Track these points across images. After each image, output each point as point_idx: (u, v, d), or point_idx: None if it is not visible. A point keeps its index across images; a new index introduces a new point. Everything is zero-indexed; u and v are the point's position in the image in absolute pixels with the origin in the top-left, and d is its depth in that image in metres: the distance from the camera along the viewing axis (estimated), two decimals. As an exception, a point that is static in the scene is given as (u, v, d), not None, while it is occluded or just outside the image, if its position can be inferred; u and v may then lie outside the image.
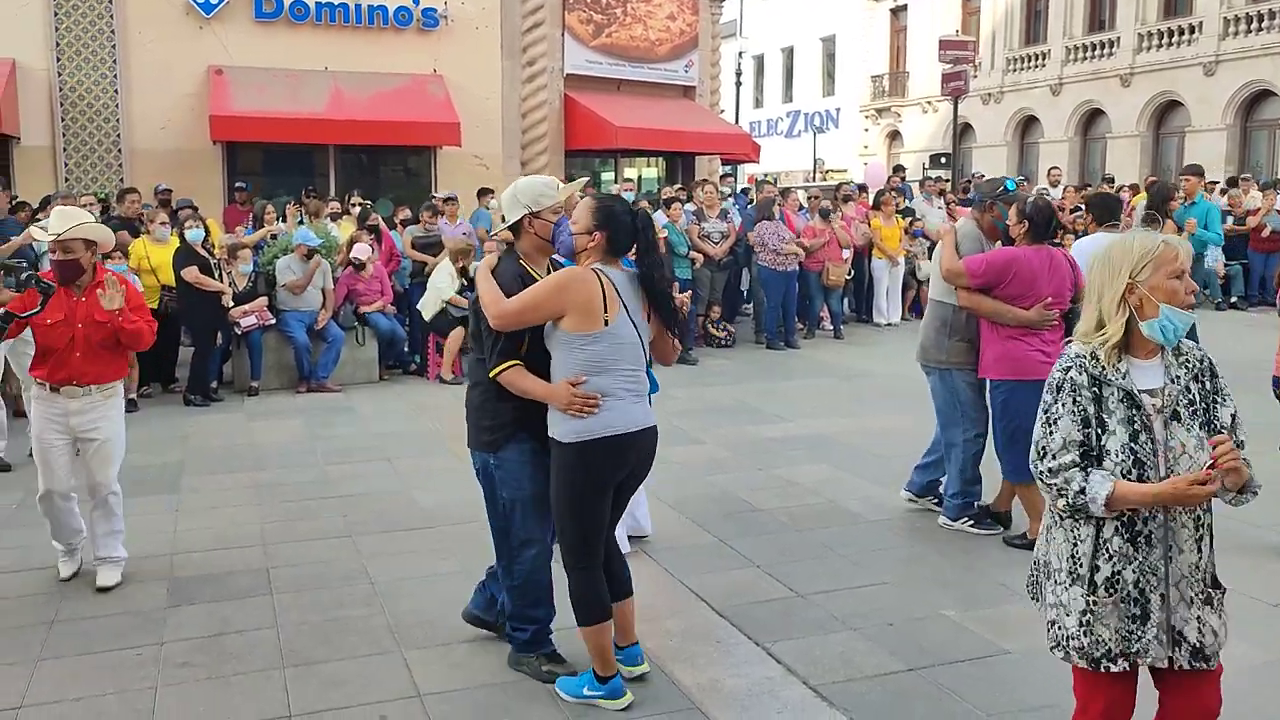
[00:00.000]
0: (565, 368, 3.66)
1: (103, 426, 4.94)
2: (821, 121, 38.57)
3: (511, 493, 3.89)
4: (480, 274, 3.82)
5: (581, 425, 3.60)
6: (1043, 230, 5.36)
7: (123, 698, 3.92)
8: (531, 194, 3.85)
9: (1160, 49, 26.58)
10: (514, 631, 4.09)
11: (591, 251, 3.73)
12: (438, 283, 10.57)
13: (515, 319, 3.66)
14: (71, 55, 13.68)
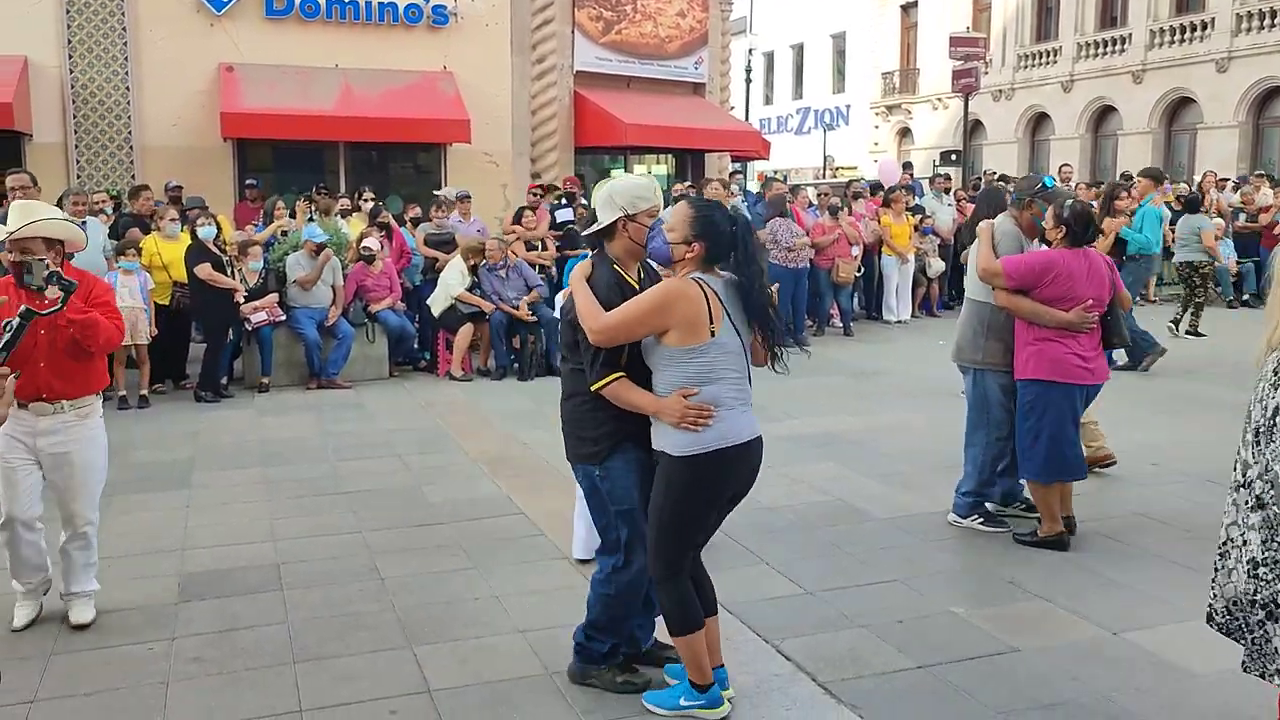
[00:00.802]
0: (671, 381, 3.53)
1: (75, 450, 4.37)
2: (831, 118, 38.50)
3: (620, 504, 3.72)
4: (576, 283, 3.64)
5: (693, 437, 3.48)
6: (1080, 235, 5.29)
7: (135, 692, 3.94)
8: (628, 196, 3.67)
9: (1172, 45, 26.47)
10: (590, 641, 3.91)
11: (689, 261, 3.57)
12: (448, 280, 10.60)
13: (615, 335, 3.51)
14: (83, 53, 13.73)
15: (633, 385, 3.58)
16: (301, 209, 11.55)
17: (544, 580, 5.06)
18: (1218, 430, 7.83)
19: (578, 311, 3.59)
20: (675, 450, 3.51)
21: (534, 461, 7.31)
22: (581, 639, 3.94)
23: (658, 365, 3.56)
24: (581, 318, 3.56)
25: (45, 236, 4.25)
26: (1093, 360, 5.30)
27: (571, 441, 3.83)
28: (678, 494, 3.55)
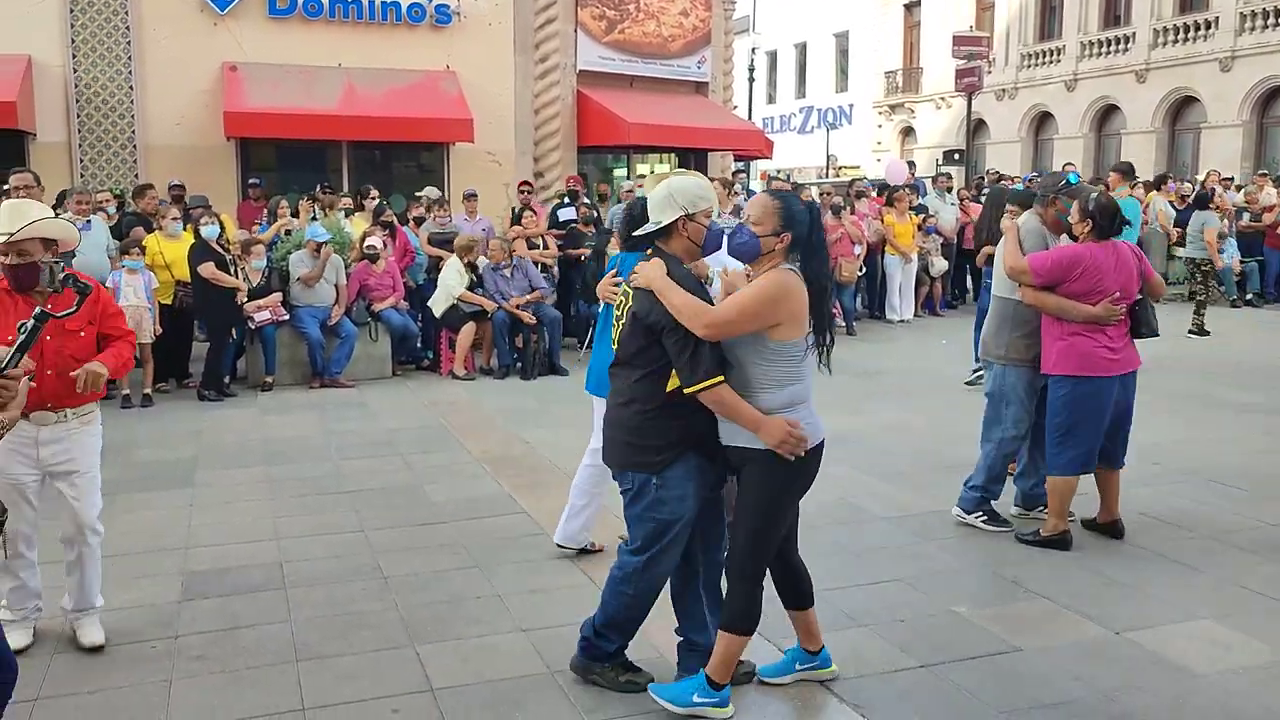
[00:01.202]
0: (767, 377, 3.49)
1: (80, 458, 4.23)
2: (835, 118, 38.49)
3: (673, 512, 3.63)
4: (663, 282, 3.49)
5: (810, 433, 3.53)
6: (1107, 227, 5.28)
7: (137, 691, 3.95)
8: (688, 195, 3.61)
9: (1176, 44, 26.44)
10: (599, 639, 3.87)
11: (778, 253, 3.52)
12: (447, 280, 10.61)
13: (729, 329, 3.44)
14: (87, 52, 13.74)
15: (733, 392, 3.48)
16: (305, 208, 11.56)
17: (546, 579, 5.07)
18: (1221, 430, 7.82)
19: (676, 309, 3.44)
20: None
21: (536, 460, 7.31)
22: (590, 634, 3.89)
23: (755, 360, 3.50)
24: (684, 315, 3.43)
25: (41, 237, 4.06)
26: (1121, 350, 5.30)
27: (625, 449, 3.71)
28: (776, 494, 3.57)
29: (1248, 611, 4.60)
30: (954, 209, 15.18)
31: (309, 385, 10.06)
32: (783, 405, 3.50)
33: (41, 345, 3.86)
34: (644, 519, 3.70)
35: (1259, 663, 4.10)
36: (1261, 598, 4.73)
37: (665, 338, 3.50)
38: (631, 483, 3.71)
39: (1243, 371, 10.02)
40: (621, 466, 3.74)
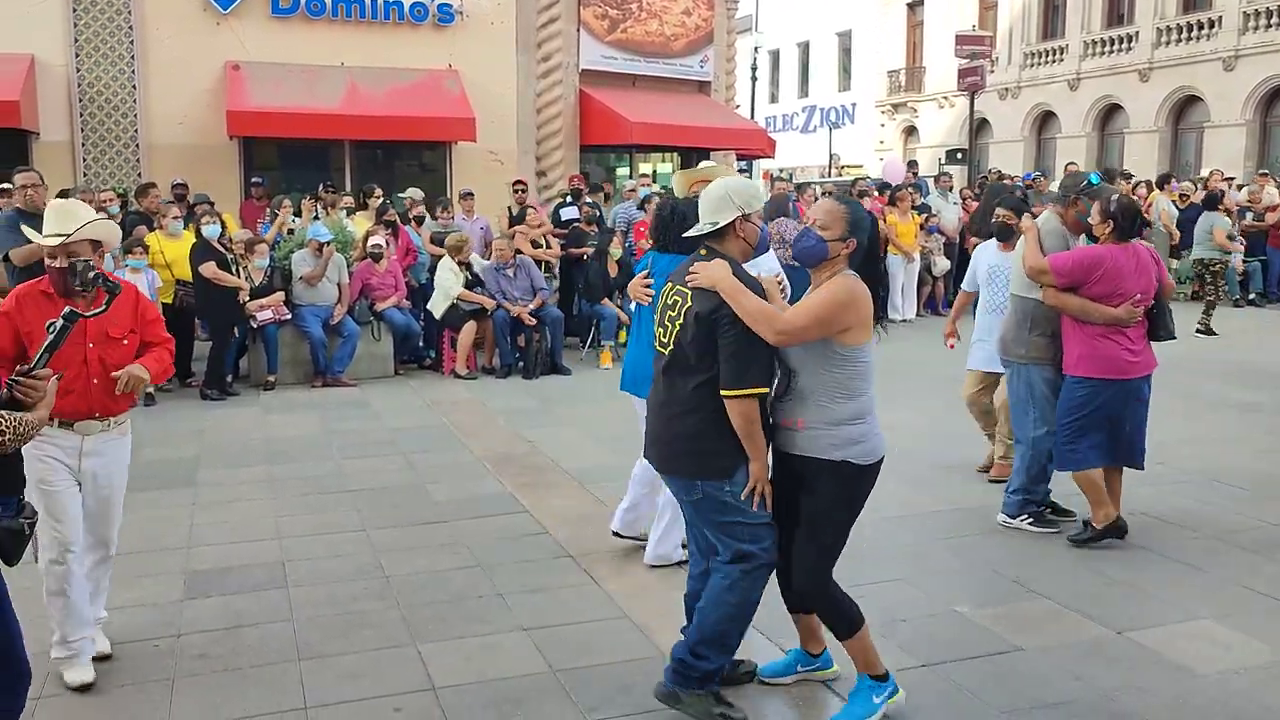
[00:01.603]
0: (837, 386, 3.45)
1: (116, 471, 4.13)
2: (837, 117, 38.46)
3: (750, 516, 3.53)
4: (732, 284, 3.42)
5: (876, 445, 3.52)
6: (1128, 229, 5.25)
7: (140, 689, 3.96)
8: (745, 195, 3.59)
9: (1179, 43, 26.41)
10: (697, 660, 3.61)
11: (842, 259, 3.49)
12: (443, 281, 10.63)
13: (801, 335, 3.39)
14: (90, 51, 13.76)
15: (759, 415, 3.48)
16: (307, 207, 11.57)
17: (548, 578, 5.07)
18: (1224, 430, 7.82)
19: (748, 313, 3.38)
20: (857, 458, 3.48)
21: (538, 460, 7.32)
22: (685, 655, 3.63)
23: (825, 367, 3.45)
24: (756, 319, 3.37)
25: (90, 239, 3.95)
26: (1140, 353, 5.30)
27: (689, 458, 3.57)
28: (850, 502, 3.55)
29: (1249, 612, 4.60)
30: (956, 208, 15.18)
31: (311, 384, 10.07)
32: (851, 417, 3.46)
33: (86, 354, 3.86)
34: (728, 526, 3.56)
35: (1260, 663, 4.10)
36: (1263, 598, 4.74)
37: (720, 334, 3.43)
38: (700, 492, 3.56)
39: (1246, 371, 10.01)
40: (691, 476, 3.58)
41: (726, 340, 3.42)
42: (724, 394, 3.42)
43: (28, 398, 2.94)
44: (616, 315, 11.26)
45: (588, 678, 4.01)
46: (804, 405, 3.49)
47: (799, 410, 3.50)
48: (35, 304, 3.89)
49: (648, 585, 4.99)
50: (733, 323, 3.41)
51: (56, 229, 3.88)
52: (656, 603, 4.75)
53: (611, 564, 5.26)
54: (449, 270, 10.61)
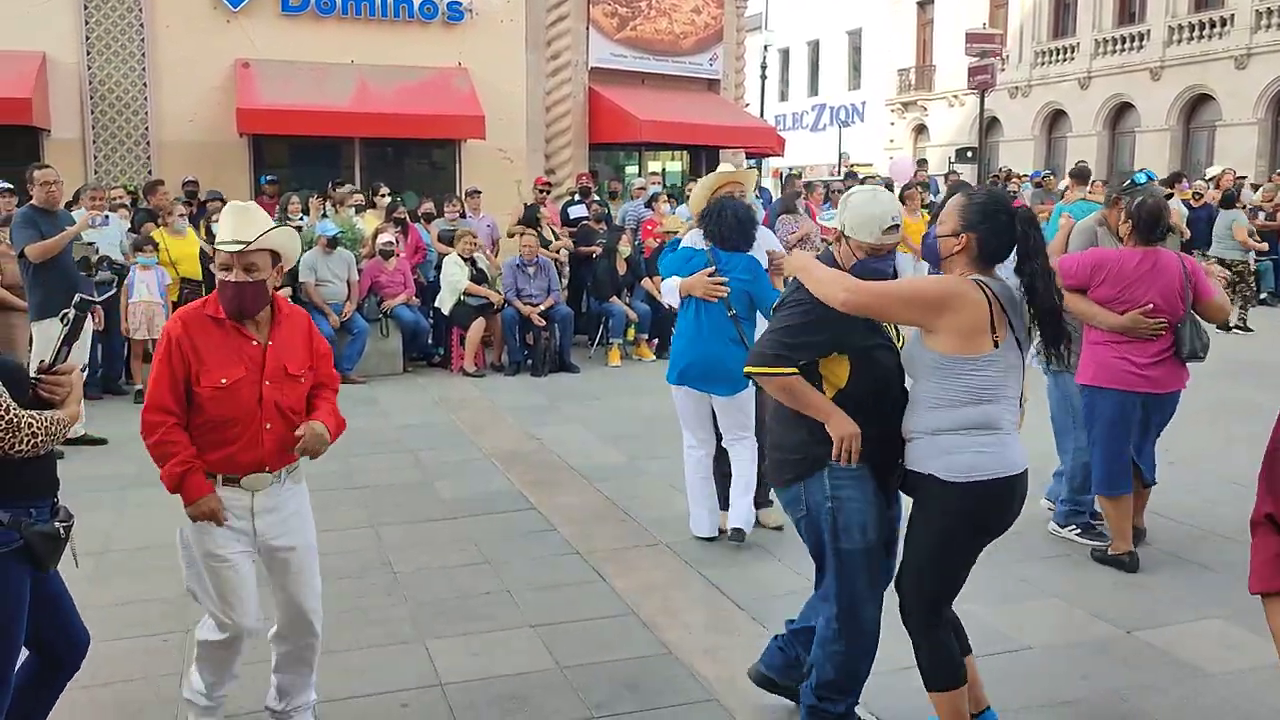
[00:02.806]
0: (941, 396, 3.15)
1: (299, 528, 3.44)
2: (847, 115, 38.40)
3: (853, 542, 3.30)
4: (803, 260, 3.33)
5: (973, 461, 3.10)
6: (1147, 232, 4.95)
7: (150, 684, 3.98)
8: (855, 220, 3.43)
9: (1191, 42, 26.31)
10: (822, 703, 3.44)
11: (959, 257, 3.21)
12: (449, 275, 10.65)
13: (870, 305, 3.14)
14: (101, 49, 13.79)
15: (808, 385, 3.27)
16: (315, 205, 11.59)
17: (556, 575, 5.08)
18: (1235, 428, 7.78)
19: (817, 280, 3.21)
20: (947, 474, 3.14)
21: (547, 457, 7.32)
22: (813, 701, 3.47)
23: (926, 373, 3.19)
24: (826, 283, 3.17)
25: (272, 249, 3.28)
26: (1150, 367, 4.94)
27: (784, 465, 3.46)
28: (945, 524, 3.18)
29: (1258, 611, 4.52)
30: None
31: (320, 381, 10.07)
32: (949, 426, 3.15)
33: (262, 392, 3.27)
34: (828, 554, 3.37)
35: (1268, 663, 4.07)
36: (1273, 598, 4.71)
37: (775, 314, 3.36)
38: (804, 508, 3.37)
39: (1256, 370, 9.96)
40: (786, 483, 3.44)
41: (772, 321, 3.38)
42: (746, 371, 3.38)
43: (54, 395, 2.93)
44: (625, 313, 11.26)
45: (595, 675, 4.01)
46: (910, 413, 3.26)
47: (907, 419, 3.27)
48: (203, 331, 3.27)
49: (655, 583, 4.99)
50: (785, 305, 3.35)
51: (235, 235, 3.23)
52: (664, 600, 4.76)
53: (619, 561, 5.26)
54: (454, 264, 10.63)
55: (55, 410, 2.88)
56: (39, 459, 2.82)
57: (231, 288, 3.22)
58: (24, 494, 2.84)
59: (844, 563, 3.33)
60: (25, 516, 2.82)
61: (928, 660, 3.30)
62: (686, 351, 5.37)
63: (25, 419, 2.72)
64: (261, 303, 3.28)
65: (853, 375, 3.30)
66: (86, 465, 7.09)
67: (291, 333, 3.39)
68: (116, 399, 9.28)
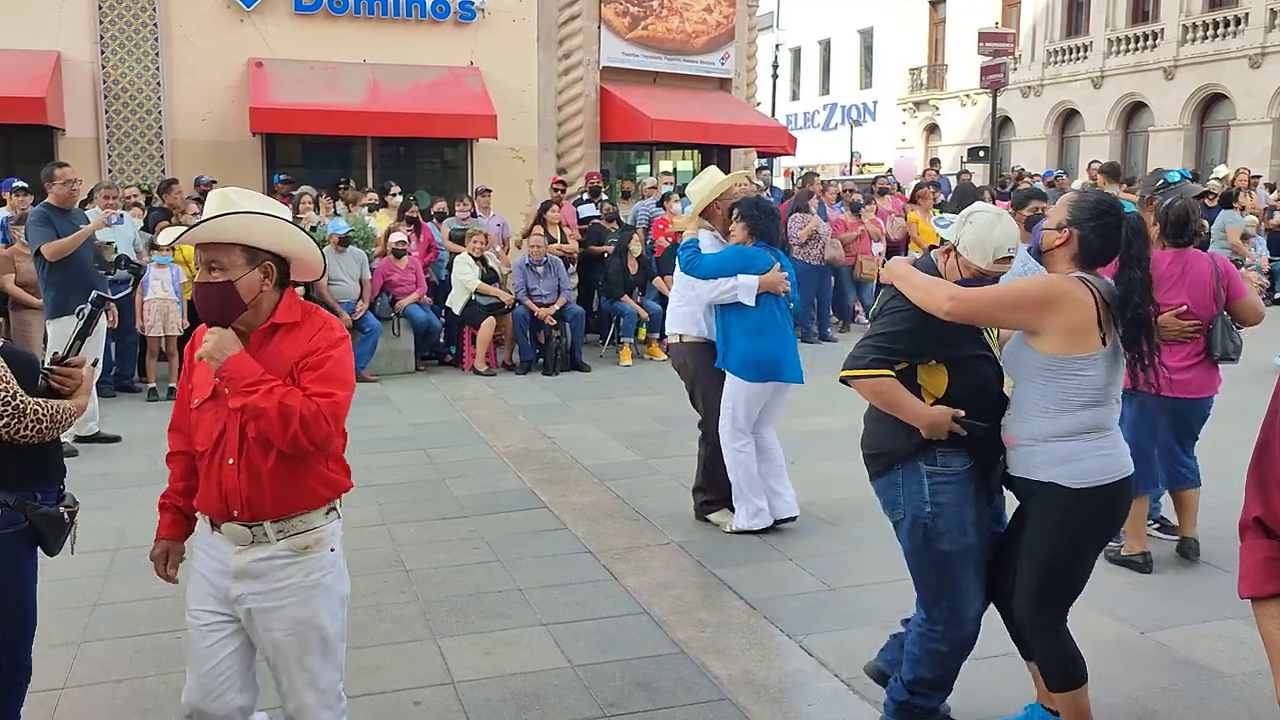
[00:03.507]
0: (1050, 399, 3.11)
1: (287, 604, 2.74)
2: (858, 114, 38.31)
3: (954, 544, 3.29)
4: (902, 269, 3.32)
5: (1097, 466, 3.10)
6: (1175, 234, 4.85)
7: (163, 680, 3.99)
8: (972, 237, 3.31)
9: (1205, 41, 26.18)
10: (913, 698, 3.47)
11: (1060, 252, 3.19)
12: (459, 274, 10.67)
13: (974, 311, 3.13)
14: (115, 48, 13.85)
15: (898, 385, 3.24)
16: (325, 205, 11.62)
17: (567, 574, 5.09)
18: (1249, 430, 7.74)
19: (916, 287, 3.20)
20: (1069, 480, 3.11)
21: (558, 456, 7.33)
22: (903, 698, 3.49)
23: (1031, 375, 3.16)
24: (926, 290, 3.16)
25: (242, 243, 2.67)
26: (1181, 371, 4.82)
27: (880, 460, 3.45)
28: (1068, 530, 3.16)
29: (1274, 613, 4.55)
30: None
31: (332, 380, 10.09)
32: (1062, 432, 3.12)
33: (224, 419, 2.68)
34: (924, 555, 3.37)
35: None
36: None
37: (875, 322, 3.37)
38: (902, 512, 3.37)
39: (1262, 372, 9.92)
40: (879, 473, 3.45)
41: (870, 329, 3.37)
42: (842, 375, 3.36)
43: (64, 386, 2.97)
44: (636, 312, 11.27)
45: (607, 673, 4.01)
46: (1016, 419, 3.23)
47: (1013, 424, 3.24)
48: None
49: (667, 581, 4.99)
50: (883, 313, 3.33)
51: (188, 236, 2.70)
52: (676, 599, 4.76)
53: (630, 560, 5.26)
54: (464, 263, 10.66)
55: (63, 400, 2.93)
56: (45, 445, 2.87)
57: (195, 289, 2.74)
58: (30, 478, 2.90)
59: (946, 564, 3.33)
60: (31, 500, 2.88)
61: (1050, 660, 3.29)
62: (773, 348, 5.51)
63: (31, 406, 2.79)
64: (228, 308, 2.65)
65: (951, 384, 3.27)
66: (100, 463, 7.13)
67: (289, 347, 2.71)
68: (130, 397, 9.32)
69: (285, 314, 2.75)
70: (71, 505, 3.01)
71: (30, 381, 2.87)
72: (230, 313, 2.67)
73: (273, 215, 2.68)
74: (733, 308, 5.49)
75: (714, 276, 5.51)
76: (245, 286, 2.67)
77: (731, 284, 5.45)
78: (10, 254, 8.69)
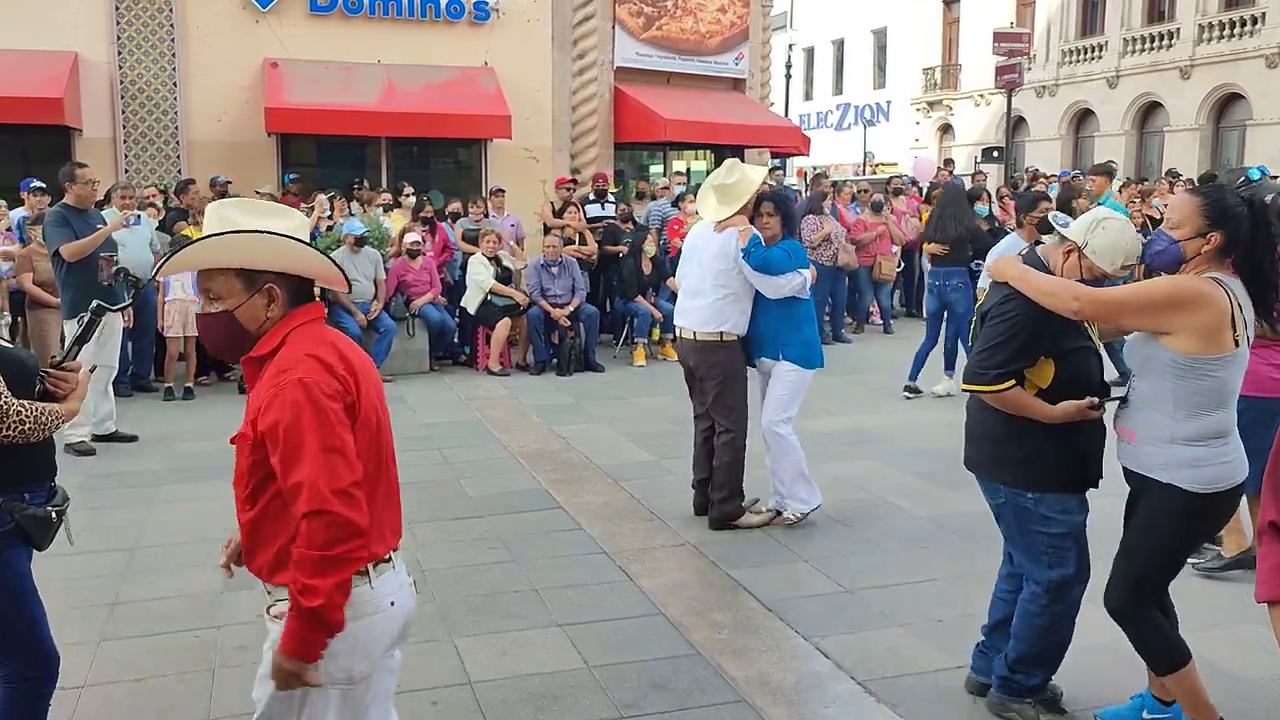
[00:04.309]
0: (1180, 399, 3.10)
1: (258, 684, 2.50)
2: (872, 114, 38.25)
3: (1064, 524, 3.41)
4: (1019, 269, 3.32)
5: (1219, 473, 3.14)
6: None
7: (182, 679, 4.01)
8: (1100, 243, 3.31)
9: (1221, 40, 26.02)
10: (1015, 674, 3.57)
11: (1204, 257, 3.12)
12: (474, 274, 10.69)
13: (1101, 311, 3.17)
14: (132, 49, 13.92)
15: (1022, 391, 3.31)
16: (338, 206, 11.66)
17: (583, 574, 5.09)
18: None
19: (1039, 289, 3.22)
20: (1194, 485, 3.14)
21: (573, 456, 7.33)
22: (1006, 673, 3.60)
23: (1162, 374, 3.14)
24: (1051, 292, 3.19)
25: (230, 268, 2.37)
26: None
27: (990, 461, 3.52)
28: (1178, 532, 3.23)
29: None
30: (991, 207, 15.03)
31: (347, 379, 10.12)
32: (1190, 436, 3.14)
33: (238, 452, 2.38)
34: (1031, 536, 3.46)
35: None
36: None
37: (985, 325, 3.39)
38: (1002, 495, 3.49)
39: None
40: (992, 479, 3.53)
41: (986, 330, 3.38)
42: (964, 387, 3.45)
43: (58, 390, 3.01)
44: (650, 313, 11.27)
45: (623, 674, 4.01)
46: (1138, 415, 3.24)
47: (1133, 420, 3.26)
48: None
49: (682, 582, 4.99)
50: (995, 317, 3.34)
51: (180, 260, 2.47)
52: (691, 600, 4.75)
53: (645, 560, 5.26)
54: (479, 264, 10.69)
55: (53, 404, 2.96)
56: (34, 447, 2.90)
57: (197, 322, 2.50)
58: (18, 479, 2.93)
59: (1052, 546, 3.42)
60: (19, 501, 2.90)
61: (1145, 645, 3.34)
62: (819, 336, 5.97)
63: (15, 407, 2.82)
64: (228, 341, 2.40)
65: (1056, 376, 3.33)
66: (117, 462, 7.17)
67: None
68: (146, 396, 9.36)
69: (265, 342, 2.39)
70: (60, 504, 3.04)
71: (22, 383, 2.90)
72: (236, 345, 2.41)
73: (272, 232, 2.34)
74: (785, 301, 5.59)
75: (787, 270, 5.52)
76: (247, 315, 2.38)
77: (802, 278, 5.56)
78: (28, 254, 8.74)
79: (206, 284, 2.38)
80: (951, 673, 4.00)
